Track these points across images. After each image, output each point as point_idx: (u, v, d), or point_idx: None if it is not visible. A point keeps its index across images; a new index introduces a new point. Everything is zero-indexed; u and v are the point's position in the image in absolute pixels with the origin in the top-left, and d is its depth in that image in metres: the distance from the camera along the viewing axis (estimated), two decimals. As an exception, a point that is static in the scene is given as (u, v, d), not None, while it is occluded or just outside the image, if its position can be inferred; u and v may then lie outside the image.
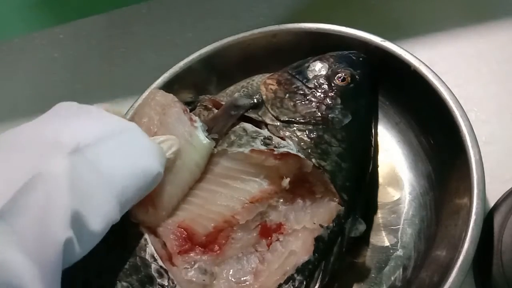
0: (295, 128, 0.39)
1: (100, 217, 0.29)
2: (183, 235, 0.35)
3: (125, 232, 0.35)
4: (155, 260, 0.34)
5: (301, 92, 0.40)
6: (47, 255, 0.26)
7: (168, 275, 0.34)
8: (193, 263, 0.35)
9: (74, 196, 0.27)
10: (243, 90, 0.43)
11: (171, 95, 0.39)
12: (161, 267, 0.34)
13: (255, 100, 0.41)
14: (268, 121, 0.39)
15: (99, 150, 0.30)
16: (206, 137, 0.37)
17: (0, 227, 0.26)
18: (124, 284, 0.34)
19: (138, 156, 0.32)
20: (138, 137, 0.33)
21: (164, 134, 0.37)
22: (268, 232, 0.36)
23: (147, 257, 0.34)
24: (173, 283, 0.34)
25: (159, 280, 0.34)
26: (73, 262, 0.28)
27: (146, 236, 0.35)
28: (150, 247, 0.35)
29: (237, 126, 0.39)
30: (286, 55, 0.45)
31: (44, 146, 0.29)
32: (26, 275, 0.25)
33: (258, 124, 0.40)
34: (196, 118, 0.38)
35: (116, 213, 0.30)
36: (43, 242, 0.26)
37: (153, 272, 0.34)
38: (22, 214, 0.26)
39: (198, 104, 0.42)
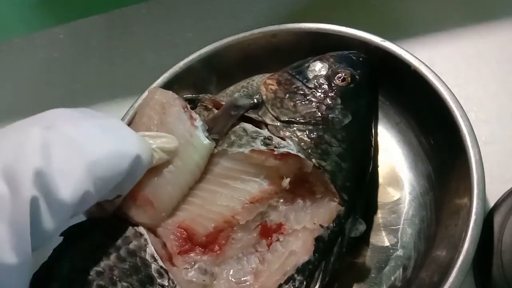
0: (295, 128, 0.39)
1: (70, 184, 0.28)
2: (183, 236, 0.35)
3: (125, 233, 0.35)
4: (155, 260, 0.34)
5: (301, 92, 0.40)
6: (13, 215, 0.26)
7: (168, 275, 0.34)
8: (193, 263, 0.35)
9: (43, 159, 0.27)
10: (243, 90, 0.43)
11: (171, 92, 0.39)
12: (161, 267, 0.34)
13: (255, 100, 0.41)
14: (268, 121, 0.39)
15: (75, 127, 0.30)
16: (207, 137, 0.37)
17: None
18: (124, 284, 0.33)
19: (115, 138, 0.32)
20: (119, 125, 0.33)
21: (162, 132, 0.37)
22: (268, 232, 0.36)
23: (147, 257, 0.34)
24: (173, 283, 0.34)
25: (159, 280, 0.34)
26: (47, 235, 0.28)
27: (146, 236, 0.35)
28: (150, 247, 0.35)
29: (237, 126, 0.39)
30: (286, 55, 0.45)
31: (18, 126, 0.29)
32: None
33: (258, 124, 0.40)
34: (197, 116, 0.38)
35: (88, 184, 0.29)
36: (8, 201, 0.26)
37: (153, 272, 0.34)
38: None
39: (199, 104, 0.42)
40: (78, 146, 0.29)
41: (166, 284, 0.34)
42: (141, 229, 0.35)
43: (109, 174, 0.30)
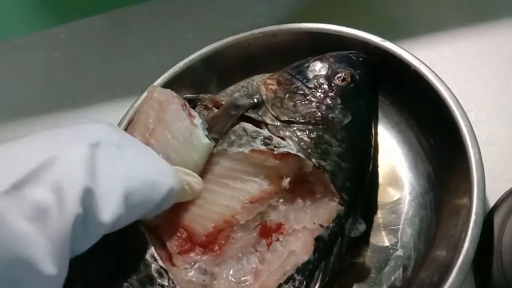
0: (295, 128, 0.39)
1: (110, 207, 0.28)
2: (183, 235, 0.35)
3: (125, 232, 0.35)
4: (155, 260, 0.34)
5: (301, 92, 0.40)
6: (58, 229, 0.26)
7: (168, 275, 0.34)
8: (193, 263, 0.35)
9: (91, 178, 0.27)
10: (243, 90, 0.43)
11: (169, 90, 0.39)
12: (161, 267, 0.34)
13: (255, 100, 0.41)
14: (268, 121, 0.39)
15: (119, 150, 0.30)
16: (206, 136, 0.37)
17: (14, 198, 0.25)
18: (125, 284, 0.33)
19: (153, 168, 0.32)
20: (155, 156, 0.34)
21: (162, 132, 0.37)
22: (268, 232, 0.36)
23: (147, 257, 0.34)
24: (173, 283, 0.34)
25: (159, 280, 0.34)
26: (78, 252, 0.28)
27: (147, 236, 0.35)
28: (150, 247, 0.35)
29: (237, 126, 0.39)
30: (286, 55, 0.45)
31: (65, 138, 0.29)
32: (35, 247, 0.25)
33: (258, 124, 0.40)
34: (195, 113, 0.38)
35: (123, 210, 0.29)
36: (55, 215, 0.26)
37: (153, 272, 0.34)
38: (36, 186, 0.26)
39: (199, 104, 0.42)
40: (122, 171, 0.29)
41: (166, 284, 0.34)
42: (142, 229, 0.35)
43: (143, 204, 0.31)
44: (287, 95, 0.40)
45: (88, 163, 0.28)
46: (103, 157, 0.29)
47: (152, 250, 0.34)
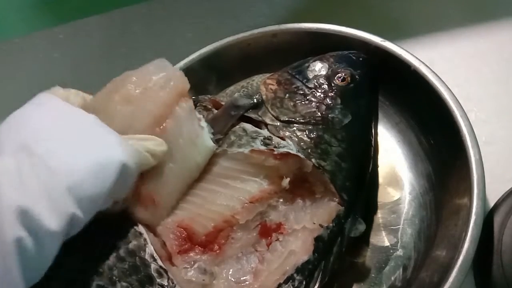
0: (295, 128, 0.39)
1: (54, 212, 0.27)
2: (183, 235, 0.35)
3: (124, 232, 0.35)
4: (155, 260, 0.34)
5: (301, 92, 0.40)
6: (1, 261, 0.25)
7: (167, 275, 0.34)
8: (192, 263, 0.35)
9: (22, 193, 0.27)
10: (243, 90, 0.43)
11: (188, 83, 0.37)
12: (160, 267, 0.34)
13: (255, 100, 0.41)
14: (268, 121, 0.39)
15: (49, 144, 0.29)
16: (211, 139, 0.37)
17: None
18: (124, 284, 0.33)
19: (95, 147, 0.30)
20: (97, 128, 0.32)
21: (170, 125, 0.35)
22: (268, 232, 0.36)
23: (147, 257, 0.34)
24: (172, 283, 0.34)
25: (158, 280, 0.34)
26: (37, 264, 0.27)
27: (146, 236, 0.35)
28: (149, 247, 0.34)
29: (237, 126, 0.39)
30: (286, 55, 0.45)
31: None
32: None
33: (258, 124, 0.40)
34: (201, 117, 0.38)
35: (74, 208, 0.28)
36: None
37: (152, 272, 0.34)
38: None
39: (198, 104, 0.42)
40: (55, 169, 0.28)
41: (166, 283, 0.34)
42: (141, 229, 0.35)
43: (94, 191, 0.29)
44: (287, 95, 0.40)
45: (14, 177, 0.27)
46: (31, 163, 0.28)
47: (151, 250, 0.34)
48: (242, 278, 0.35)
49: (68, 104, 0.33)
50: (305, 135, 0.38)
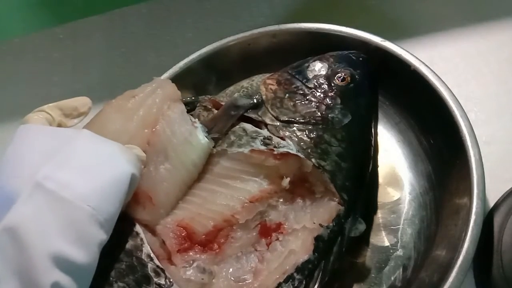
0: (295, 128, 0.39)
1: (84, 247, 0.28)
2: (183, 234, 0.35)
3: (121, 232, 0.35)
4: (152, 259, 0.34)
5: (301, 92, 0.40)
6: None
7: (165, 274, 0.34)
8: (191, 262, 0.35)
9: (49, 238, 0.27)
10: (243, 90, 0.43)
11: (179, 92, 0.38)
12: (157, 266, 0.34)
13: (255, 100, 0.41)
14: (268, 121, 0.39)
15: (58, 176, 0.29)
16: (206, 137, 0.37)
17: None
18: (121, 284, 0.33)
19: (103, 165, 0.31)
20: (96, 145, 0.32)
21: (164, 130, 0.36)
22: (268, 231, 0.36)
23: (143, 256, 0.34)
24: (170, 282, 0.34)
25: (155, 280, 0.34)
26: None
27: (142, 235, 0.35)
28: (146, 247, 0.35)
29: (237, 126, 0.39)
30: (286, 55, 0.45)
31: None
32: None
33: (258, 124, 0.40)
34: (196, 119, 0.38)
35: (101, 233, 0.29)
36: None
37: (149, 272, 0.34)
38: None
39: (198, 105, 0.42)
40: (72, 201, 0.28)
41: (163, 283, 0.34)
42: (138, 228, 0.35)
43: (113, 209, 0.30)
44: (287, 95, 0.40)
45: (36, 221, 0.27)
46: (48, 200, 0.28)
47: (148, 249, 0.35)
48: (241, 277, 0.35)
49: (56, 128, 0.34)
50: (305, 135, 0.38)
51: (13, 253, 0.27)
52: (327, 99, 0.40)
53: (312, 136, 0.38)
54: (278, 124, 0.39)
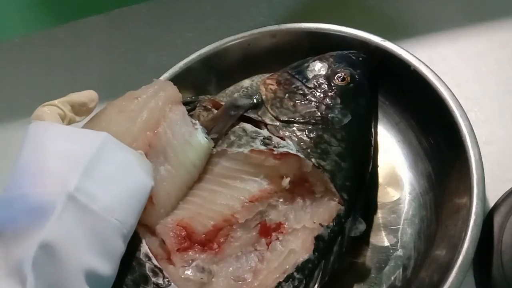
0: (294, 128, 0.39)
1: (109, 259, 0.29)
2: (182, 233, 0.35)
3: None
4: (150, 259, 0.34)
5: (301, 92, 0.40)
6: None
7: (163, 273, 0.34)
8: (191, 261, 0.35)
9: (82, 254, 0.27)
10: (243, 90, 0.43)
11: (181, 94, 0.39)
12: (155, 266, 0.34)
13: (255, 100, 0.41)
14: (267, 121, 0.39)
15: (88, 187, 0.29)
16: (205, 138, 0.37)
17: None
18: (119, 284, 0.33)
19: (126, 176, 0.31)
20: (118, 152, 0.32)
21: (165, 131, 0.36)
22: (268, 231, 0.36)
23: (141, 256, 0.34)
24: (168, 281, 0.34)
25: (153, 279, 0.34)
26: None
27: (141, 235, 0.35)
28: (144, 247, 0.35)
29: (237, 126, 0.39)
30: (286, 55, 0.45)
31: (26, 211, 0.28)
32: None
33: (258, 124, 0.40)
34: (196, 121, 0.38)
35: (122, 245, 0.30)
36: None
37: (147, 271, 0.34)
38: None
39: (198, 105, 0.42)
40: (100, 213, 0.29)
41: (161, 282, 0.34)
42: (136, 228, 0.35)
43: (134, 220, 0.31)
44: (287, 95, 0.40)
45: (68, 236, 0.27)
46: (80, 214, 0.28)
47: (146, 249, 0.35)
48: (241, 277, 0.35)
49: (75, 129, 0.33)
50: (305, 135, 0.38)
51: (49, 270, 0.26)
52: (327, 99, 0.40)
53: (312, 136, 0.38)
54: (278, 124, 0.39)
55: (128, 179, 0.31)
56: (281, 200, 0.37)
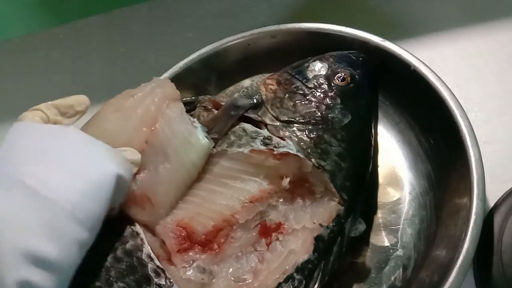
0: (294, 128, 0.39)
1: (59, 242, 0.28)
2: (182, 234, 0.35)
3: (121, 233, 0.35)
4: (152, 259, 0.34)
5: (301, 92, 0.40)
6: None
7: (165, 274, 0.34)
8: (191, 262, 0.35)
9: (24, 234, 0.27)
10: (243, 90, 0.43)
11: (178, 92, 0.38)
12: (158, 266, 0.34)
13: (255, 100, 0.41)
14: (267, 121, 0.39)
15: (39, 173, 0.29)
16: (205, 137, 0.37)
17: None
18: (121, 284, 0.33)
19: (87, 164, 0.31)
20: (83, 144, 0.32)
21: (163, 129, 0.36)
22: (268, 231, 0.36)
23: (144, 257, 0.34)
24: (170, 282, 0.34)
25: (156, 280, 0.34)
26: None
27: (143, 236, 0.35)
28: (146, 247, 0.35)
29: (237, 126, 0.39)
30: (286, 55, 0.45)
31: None
32: None
33: (258, 124, 0.40)
34: (195, 119, 0.38)
35: (80, 230, 0.29)
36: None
37: (150, 272, 0.34)
38: None
39: (198, 105, 0.42)
40: (51, 198, 0.28)
41: (163, 283, 0.34)
42: (138, 228, 0.35)
43: (96, 208, 0.30)
44: (287, 95, 0.40)
45: (12, 219, 0.27)
46: (25, 196, 0.28)
47: (148, 249, 0.34)
48: (241, 277, 0.35)
49: (46, 125, 0.33)
50: (305, 135, 0.38)
51: None
52: (327, 99, 0.40)
53: (312, 136, 0.38)
54: (278, 124, 0.39)
55: (88, 168, 0.31)
56: (281, 200, 0.37)
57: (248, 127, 0.39)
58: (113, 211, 0.34)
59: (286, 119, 0.39)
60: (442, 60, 0.48)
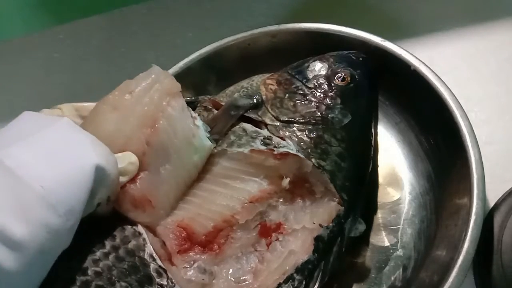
0: (295, 128, 0.39)
1: (27, 222, 0.27)
2: (183, 234, 0.35)
3: (124, 232, 0.35)
4: (154, 260, 0.34)
5: (301, 92, 0.40)
6: None
7: (167, 274, 0.34)
8: (192, 262, 0.35)
9: None
10: (243, 90, 0.43)
11: (179, 84, 0.37)
12: (160, 266, 0.34)
13: (255, 100, 0.41)
14: (267, 121, 0.39)
15: (20, 156, 0.29)
16: (208, 138, 0.37)
17: None
18: (123, 284, 0.33)
19: (66, 152, 0.30)
20: (68, 134, 0.32)
21: (165, 129, 0.35)
22: (268, 231, 0.36)
23: (146, 256, 0.34)
24: (172, 282, 0.34)
25: (158, 280, 0.34)
26: (16, 278, 0.28)
27: (145, 235, 0.35)
28: (148, 247, 0.35)
29: (237, 126, 0.39)
30: (286, 55, 0.45)
31: None
32: None
33: (258, 124, 0.40)
34: (196, 115, 0.37)
35: (51, 215, 0.28)
36: None
37: (152, 272, 0.34)
38: None
39: (198, 105, 0.42)
40: (26, 180, 0.28)
41: (165, 283, 0.34)
42: (140, 228, 0.35)
43: (71, 196, 0.29)
44: (287, 95, 0.40)
45: None
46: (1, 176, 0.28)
47: (150, 249, 0.34)
48: (241, 278, 0.35)
49: (41, 114, 0.33)
50: (305, 135, 0.38)
51: None
52: (327, 99, 0.40)
53: (312, 136, 0.38)
54: (278, 124, 0.39)
55: (68, 156, 0.30)
56: (281, 200, 0.37)
57: (248, 127, 0.39)
58: (103, 207, 0.33)
59: (286, 119, 0.39)
60: (442, 60, 0.48)
